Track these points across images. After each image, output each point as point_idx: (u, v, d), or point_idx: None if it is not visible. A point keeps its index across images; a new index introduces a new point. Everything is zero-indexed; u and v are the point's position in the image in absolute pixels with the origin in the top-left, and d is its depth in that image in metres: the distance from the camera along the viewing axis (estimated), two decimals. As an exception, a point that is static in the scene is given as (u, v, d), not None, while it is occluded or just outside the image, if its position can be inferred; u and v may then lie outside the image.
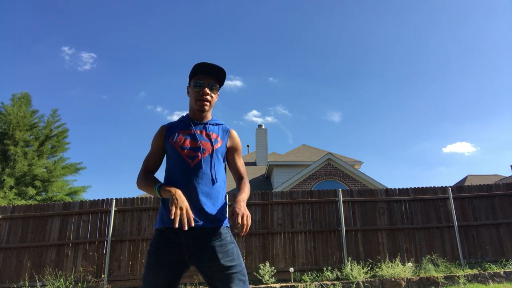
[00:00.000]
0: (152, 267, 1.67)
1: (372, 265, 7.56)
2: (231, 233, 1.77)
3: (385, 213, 8.14)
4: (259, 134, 19.91)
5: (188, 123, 1.84)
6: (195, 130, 1.81)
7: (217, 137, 1.83)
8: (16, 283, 7.28)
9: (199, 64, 1.77)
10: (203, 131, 1.82)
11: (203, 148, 1.76)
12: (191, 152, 1.74)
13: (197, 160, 1.73)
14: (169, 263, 1.67)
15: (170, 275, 1.67)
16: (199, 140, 1.78)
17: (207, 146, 1.78)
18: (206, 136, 1.81)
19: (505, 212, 8.29)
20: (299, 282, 7.01)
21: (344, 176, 14.23)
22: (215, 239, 1.68)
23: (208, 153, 1.77)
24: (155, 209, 7.88)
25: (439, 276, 6.84)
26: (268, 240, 7.78)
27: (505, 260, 7.73)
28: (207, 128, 1.84)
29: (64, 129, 18.01)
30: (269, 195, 8.18)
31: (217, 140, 1.82)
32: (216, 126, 1.87)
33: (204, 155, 1.75)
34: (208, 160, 1.76)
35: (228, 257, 1.64)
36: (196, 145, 1.76)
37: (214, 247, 1.66)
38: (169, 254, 1.68)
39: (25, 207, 8.01)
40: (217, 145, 1.81)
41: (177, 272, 1.69)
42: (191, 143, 1.77)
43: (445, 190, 8.39)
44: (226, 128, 1.91)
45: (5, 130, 16.33)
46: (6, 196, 14.37)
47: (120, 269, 7.49)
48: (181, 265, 1.70)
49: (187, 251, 1.67)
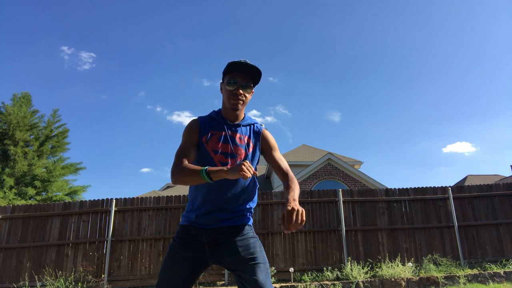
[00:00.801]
0: (171, 260, 1.67)
1: (372, 265, 7.56)
2: (253, 230, 1.77)
3: (385, 213, 8.14)
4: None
5: (221, 123, 1.79)
6: (228, 132, 1.77)
7: (249, 141, 1.80)
8: (16, 283, 7.28)
9: (234, 62, 1.73)
10: (235, 134, 1.78)
11: (235, 154, 1.74)
12: (223, 158, 1.72)
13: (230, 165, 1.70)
14: (189, 259, 1.67)
15: (187, 271, 1.67)
16: (231, 145, 1.74)
17: (239, 152, 1.75)
18: (238, 140, 1.77)
19: (505, 212, 8.29)
20: (299, 282, 7.01)
21: (344, 176, 14.24)
22: (236, 235, 1.69)
23: (239, 160, 1.74)
24: (155, 209, 7.88)
25: (439, 276, 6.84)
26: (268, 240, 7.78)
27: (505, 260, 7.73)
28: (239, 130, 1.80)
29: (65, 129, 18.04)
30: (269, 195, 8.19)
31: (249, 144, 1.79)
32: (247, 127, 1.83)
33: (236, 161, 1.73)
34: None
35: (250, 250, 1.64)
36: (229, 150, 1.73)
37: (234, 242, 1.67)
38: (190, 250, 1.68)
39: (25, 207, 8.01)
40: (249, 149, 1.78)
41: (195, 269, 1.69)
42: (224, 148, 1.73)
43: (445, 190, 8.39)
44: (258, 128, 1.86)
45: (5, 130, 16.34)
46: (6, 196, 14.38)
47: (120, 269, 7.49)
48: (200, 263, 1.69)
49: (208, 248, 1.68)
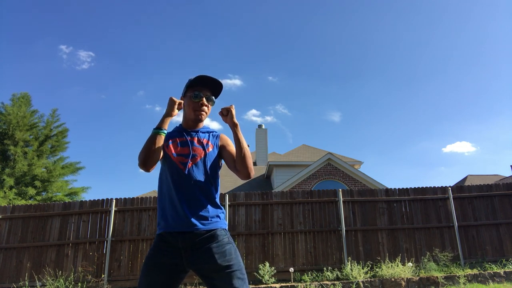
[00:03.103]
0: (148, 269, 1.69)
1: (372, 265, 7.56)
2: (229, 234, 1.80)
3: (385, 213, 8.14)
4: (259, 134, 19.92)
5: (181, 131, 1.93)
6: (187, 137, 1.88)
7: (208, 142, 1.90)
8: (16, 283, 7.28)
9: (198, 76, 1.85)
10: (194, 138, 1.89)
11: (194, 154, 1.83)
12: (183, 159, 1.81)
13: (189, 166, 1.80)
14: (166, 266, 1.69)
15: (166, 279, 1.69)
16: (190, 147, 1.84)
17: (198, 152, 1.84)
18: (197, 142, 1.87)
19: (505, 212, 8.29)
20: (299, 282, 7.01)
21: (344, 176, 14.24)
22: (211, 241, 1.71)
23: (200, 158, 1.83)
24: (155, 209, 7.87)
25: (439, 276, 6.84)
26: (268, 240, 7.78)
27: (505, 260, 7.73)
28: (198, 135, 1.91)
29: (64, 128, 18.04)
30: (269, 195, 8.18)
31: (208, 145, 1.89)
32: (206, 133, 1.94)
33: (196, 160, 1.82)
34: (201, 165, 1.82)
35: (225, 257, 1.67)
36: (188, 152, 1.83)
37: (210, 248, 1.69)
38: (166, 257, 1.70)
39: (25, 207, 8.01)
40: (208, 149, 1.87)
41: (174, 276, 1.71)
42: (183, 150, 1.84)
43: (445, 190, 8.39)
44: (216, 133, 1.98)
45: (5, 130, 16.34)
46: (6, 196, 14.38)
47: (120, 269, 7.49)
48: (178, 269, 1.72)
49: (184, 254, 1.70)
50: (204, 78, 1.85)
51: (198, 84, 1.87)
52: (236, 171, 1.84)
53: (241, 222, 7.84)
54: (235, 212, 7.87)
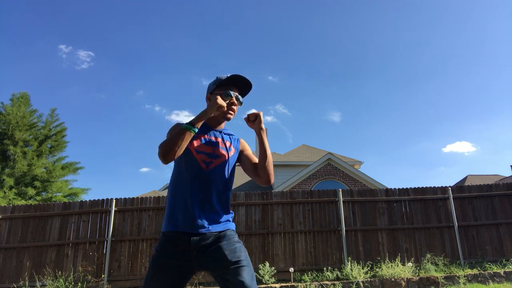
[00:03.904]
0: (154, 270, 1.65)
1: (372, 265, 7.56)
2: (237, 235, 1.79)
3: (385, 213, 8.14)
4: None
5: (205, 127, 1.85)
6: (211, 136, 1.83)
7: (231, 146, 1.87)
8: (16, 283, 7.28)
9: (232, 75, 1.80)
10: (218, 138, 1.84)
11: (218, 155, 1.79)
12: (205, 157, 1.76)
13: (212, 166, 1.76)
14: (174, 268, 1.66)
15: (174, 280, 1.66)
16: (214, 147, 1.80)
17: (222, 154, 1.80)
18: (221, 144, 1.83)
19: (505, 212, 8.29)
20: (299, 282, 7.01)
21: (344, 176, 14.24)
22: (221, 240, 1.70)
23: (222, 160, 1.80)
24: (155, 209, 7.88)
25: (439, 276, 6.84)
26: (268, 240, 7.78)
27: (505, 260, 7.73)
28: (223, 136, 1.87)
29: (63, 128, 18.02)
30: (269, 195, 8.18)
31: (230, 148, 1.86)
32: (229, 136, 1.91)
33: (219, 162, 1.78)
34: (222, 167, 1.79)
35: (235, 253, 1.66)
36: (212, 151, 1.78)
37: (220, 247, 1.67)
38: (175, 258, 1.66)
39: (25, 207, 8.00)
40: (230, 152, 1.84)
41: (182, 276, 1.68)
42: (206, 148, 1.78)
43: (445, 190, 8.39)
44: (236, 137, 1.96)
45: (4, 130, 16.34)
46: (6, 196, 14.38)
47: (120, 269, 7.48)
48: (186, 270, 1.69)
49: (195, 255, 1.67)
50: (237, 78, 1.80)
51: (229, 83, 1.82)
52: (256, 177, 1.83)
53: (241, 222, 7.84)
54: (235, 212, 7.86)
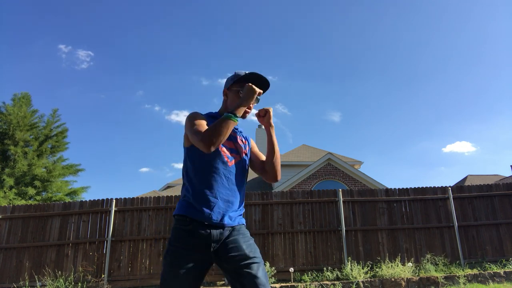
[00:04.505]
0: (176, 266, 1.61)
1: (372, 265, 7.56)
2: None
3: (385, 213, 8.14)
4: (259, 134, 19.91)
5: None
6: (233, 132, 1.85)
7: (246, 143, 1.92)
8: (16, 283, 7.28)
9: (251, 73, 1.81)
10: (236, 134, 1.88)
11: (239, 151, 1.84)
12: (228, 152, 1.79)
13: (234, 161, 1.79)
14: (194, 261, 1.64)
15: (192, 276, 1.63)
16: (235, 142, 1.84)
17: (241, 150, 1.85)
18: (239, 140, 1.87)
19: (505, 212, 8.29)
20: (299, 282, 7.00)
21: (344, 176, 14.23)
22: (237, 234, 1.72)
23: (242, 156, 1.84)
24: (155, 209, 7.88)
25: (439, 276, 6.84)
26: (268, 240, 7.78)
27: (505, 260, 7.73)
28: (239, 133, 1.91)
29: (64, 129, 18.02)
30: (269, 195, 8.18)
31: (246, 145, 1.91)
32: (241, 133, 1.95)
33: (240, 157, 1.83)
34: (242, 162, 1.83)
35: (252, 249, 1.68)
36: (233, 146, 1.82)
37: (237, 240, 1.70)
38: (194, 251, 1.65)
39: (25, 207, 8.01)
40: (247, 149, 1.90)
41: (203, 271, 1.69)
42: (229, 143, 1.81)
43: (445, 190, 8.38)
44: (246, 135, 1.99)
45: (5, 130, 16.34)
46: (6, 196, 14.38)
47: (120, 269, 7.49)
48: (206, 264, 1.70)
49: (214, 247, 1.68)
50: (256, 76, 1.81)
51: (248, 80, 1.81)
52: (264, 173, 1.86)
53: (241, 222, 7.83)
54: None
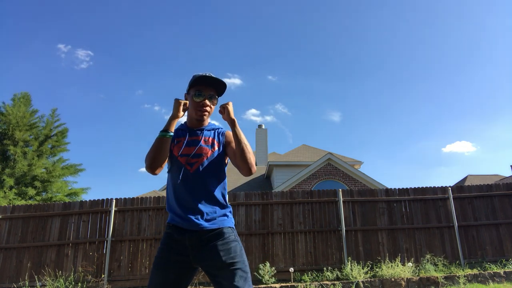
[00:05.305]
0: (157, 267, 1.71)
1: (372, 265, 7.56)
2: (235, 233, 1.80)
3: (385, 213, 8.14)
4: (259, 134, 19.93)
5: (186, 130, 1.90)
6: (192, 137, 1.86)
7: (214, 140, 1.89)
8: (16, 283, 7.28)
9: (200, 76, 1.82)
10: (199, 137, 1.87)
11: (201, 154, 1.82)
12: (189, 159, 1.80)
13: (196, 166, 1.80)
14: (175, 263, 1.71)
15: (175, 276, 1.70)
16: (196, 146, 1.83)
17: (205, 151, 1.83)
18: (203, 142, 1.86)
19: (505, 212, 8.29)
20: (299, 282, 7.00)
21: (344, 176, 14.23)
22: (218, 239, 1.72)
23: (206, 158, 1.82)
24: (155, 209, 7.88)
25: (439, 276, 6.84)
26: (268, 240, 7.78)
27: (505, 260, 7.73)
28: (204, 133, 1.89)
29: (64, 129, 18.01)
30: (269, 195, 8.18)
31: (214, 144, 1.87)
32: (212, 131, 1.92)
33: (203, 160, 1.81)
34: (207, 164, 1.81)
35: (230, 254, 1.68)
36: (194, 152, 1.82)
37: (216, 246, 1.70)
38: (173, 253, 1.72)
39: (25, 207, 8.01)
40: (214, 148, 1.86)
41: (183, 273, 1.73)
42: (189, 150, 1.83)
43: (445, 190, 8.38)
44: (222, 130, 1.96)
45: (5, 130, 16.33)
46: (6, 196, 14.37)
47: (120, 269, 7.48)
48: (187, 266, 1.73)
49: (191, 251, 1.71)
50: (205, 78, 1.81)
51: (201, 82, 1.83)
52: (238, 167, 1.84)
53: (241, 222, 7.84)
54: (235, 212, 7.87)
